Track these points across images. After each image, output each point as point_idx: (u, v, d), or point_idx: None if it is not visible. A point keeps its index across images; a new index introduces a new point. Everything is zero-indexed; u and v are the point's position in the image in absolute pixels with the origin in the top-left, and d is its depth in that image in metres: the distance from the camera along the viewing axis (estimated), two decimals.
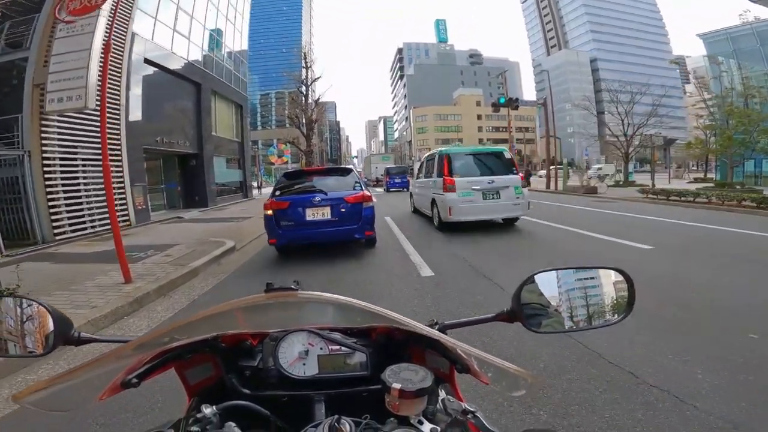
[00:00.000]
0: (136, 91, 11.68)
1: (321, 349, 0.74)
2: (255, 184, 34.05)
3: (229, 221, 11.85)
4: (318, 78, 26.28)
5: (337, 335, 0.74)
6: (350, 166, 7.64)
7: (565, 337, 2.72)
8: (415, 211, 10.95)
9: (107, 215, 10.24)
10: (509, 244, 6.77)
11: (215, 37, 19.13)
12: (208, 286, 5.26)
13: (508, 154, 8.36)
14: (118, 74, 10.78)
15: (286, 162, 34.94)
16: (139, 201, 11.22)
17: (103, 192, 10.22)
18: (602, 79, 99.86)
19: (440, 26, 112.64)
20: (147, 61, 12.65)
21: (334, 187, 6.06)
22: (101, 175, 10.09)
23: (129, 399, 2.11)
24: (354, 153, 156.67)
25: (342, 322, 0.80)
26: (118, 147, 10.60)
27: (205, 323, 0.69)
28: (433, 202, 8.39)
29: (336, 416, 0.51)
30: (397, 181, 23.13)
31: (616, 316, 0.77)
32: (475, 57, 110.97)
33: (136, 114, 11.54)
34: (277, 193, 6.15)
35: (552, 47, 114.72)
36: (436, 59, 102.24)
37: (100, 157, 5.62)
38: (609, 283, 0.79)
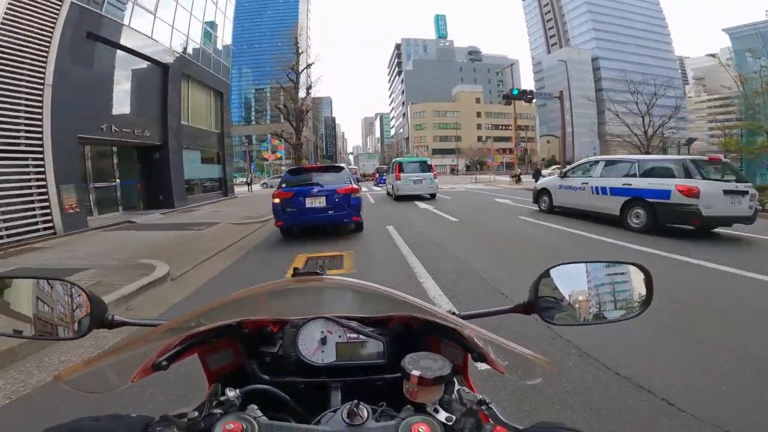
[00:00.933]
0: (72, 67, 9.38)
1: (339, 336, 0.75)
2: (245, 180, 31.90)
3: (189, 228, 9.62)
4: (311, 64, 23.65)
5: (354, 323, 0.76)
6: (342, 164, 8.98)
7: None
8: (388, 194, 17.99)
9: (23, 222, 7.98)
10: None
11: (191, 14, 16.77)
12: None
13: (429, 162, 16.45)
14: (43, 42, 8.53)
15: (280, 158, 33.84)
16: (69, 203, 8.94)
17: (15, 193, 8.05)
18: (603, 78, 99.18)
19: (440, 22, 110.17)
20: (91, 36, 10.36)
21: (328, 181, 7.36)
22: (13, 170, 7.99)
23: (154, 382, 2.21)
24: (350, 150, 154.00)
25: (362, 308, 0.82)
26: (38, 134, 8.35)
27: (232, 307, 0.73)
28: (392, 186, 16.19)
29: (355, 401, 0.52)
30: (384, 177, 25.66)
31: (632, 311, 0.78)
32: (474, 54, 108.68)
33: (70, 95, 9.24)
34: (283, 185, 7.43)
35: (553, 45, 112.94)
36: (435, 55, 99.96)
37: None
38: (627, 278, 0.79)
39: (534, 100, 19.37)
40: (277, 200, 7.19)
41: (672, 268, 4.86)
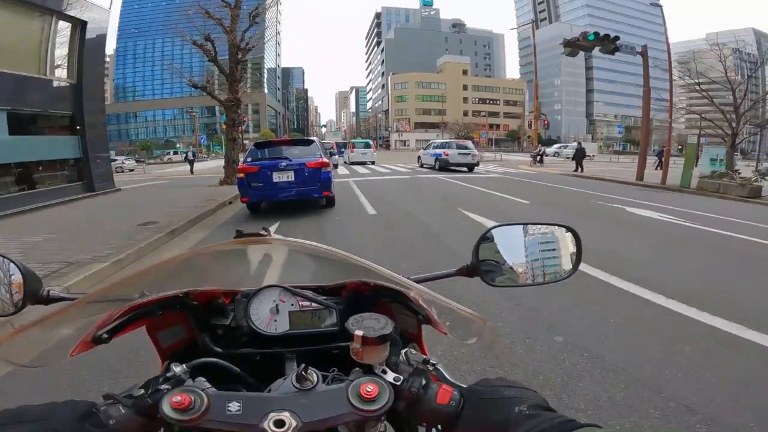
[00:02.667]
0: None
1: (292, 305, 0.74)
2: (188, 156, 24.26)
3: None
4: None
5: (308, 292, 0.75)
6: (313, 138, 9.15)
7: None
8: (344, 162, 24.74)
9: None
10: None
11: None
12: None
13: (371, 141, 29.80)
14: None
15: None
16: None
17: None
18: (593, 56, 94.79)
19: None
20: None
21: (298, 155, 7.25)
22: None
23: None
24: (323, 122, 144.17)
25: (314, 274, 0.81)
26: None
27: (175, 273, 0.70)
28: (347, 156, 25.63)
29: (303, 365, 0.52)
30: (342, 150, 29.21)
31: (564, 272, 0.81)
32: (458, 27, 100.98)
33: None
34: (249, 159, 7.32)
35: (542, 20, 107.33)
36: (419, 24, 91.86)
37: None
38: (561, 240, 0.82)
39: (604, 51, 12.60)
40: (241, 174, 7.07)
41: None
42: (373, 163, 23.89)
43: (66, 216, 7.76)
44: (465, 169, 18.21)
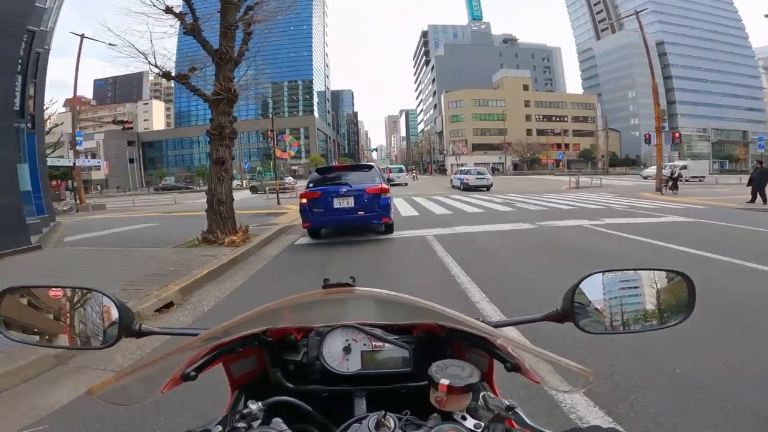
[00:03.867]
0: None
1: (364, 345, 0.74)
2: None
3: None
4: None
5: (379, 331, 0.75)
6: (372, 164, 8.75)
7: None
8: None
9: None
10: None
11: None
12: None
13: (403, 167, 43.91)
14: None
15: (293, 155, 30.00)
16: None
17: None
18: (672, 65, 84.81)
19: (473, 1, 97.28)
20: None
21: (357, 180, 7.17)
22: None
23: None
24: (374, 146, 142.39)
25: (388, 317, 0.81)
26: None
27: (259, 318, 0.73)
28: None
29: (382, 412, 0.52)
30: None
31: (674, 318, 0.76)
32: (509, 42, 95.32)
33: None
34: (310, 185, 7.30)
35: (603, 30, 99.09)
36: (469, 40, 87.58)
37: None
38: (665, 285, 0.78)
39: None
40: (304, 200, 7.07)
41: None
42: (406, 184, 30.93)
43: None
44: (538, 206, 13.38)
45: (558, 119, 66.40)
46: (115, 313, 0.72)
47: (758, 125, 78.26)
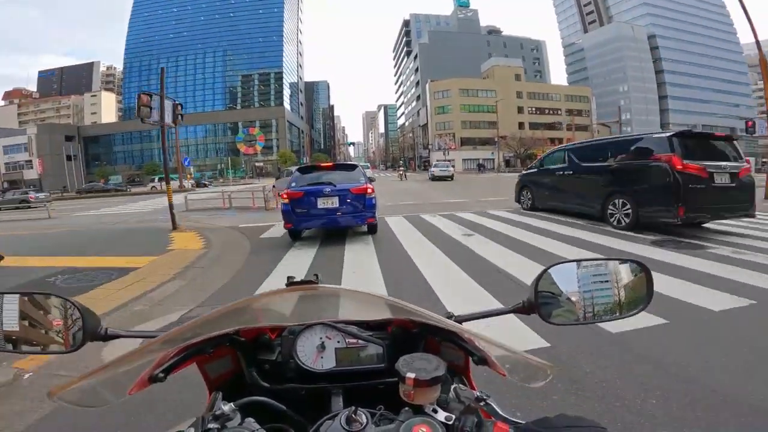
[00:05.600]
0: None
1: (338, 342, 0.75)
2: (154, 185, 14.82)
3: None
4: None
5: (353, 328, 0.75)
6: (356, 163, 8.23)
7: None
8: None
9: None
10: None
11: None
12: None
13: (369, 165, 36.35)
14: None
15: (259, 151, 28.32)
16: None
17: None
18: (663, 58, 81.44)
19: None
20: None
21: (341, 180, 6.75)
22: None
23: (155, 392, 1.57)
24: (351, 140, 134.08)
25: (360, 314, 0.81)
26: None
27: (227, 317, 0.73)
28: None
29: (352, 407, 0.53)
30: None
31: (632, 308, 0.78)
32: (493, 34, 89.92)
33: None
34: (293, 184, 6.83)
35: (590, 23, 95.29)
36: (455, 27, 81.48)
37: None
38: (626, 275, 0.79)
39: None
40: (286, 200, 6.64)
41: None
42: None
43: None
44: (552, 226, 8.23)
45: (551, 112, 61.09)
46: (78, 317, 0.72)
47: (743, 122, 76.18)
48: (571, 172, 7.80)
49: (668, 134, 6.11)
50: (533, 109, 61.20)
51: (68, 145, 63.47)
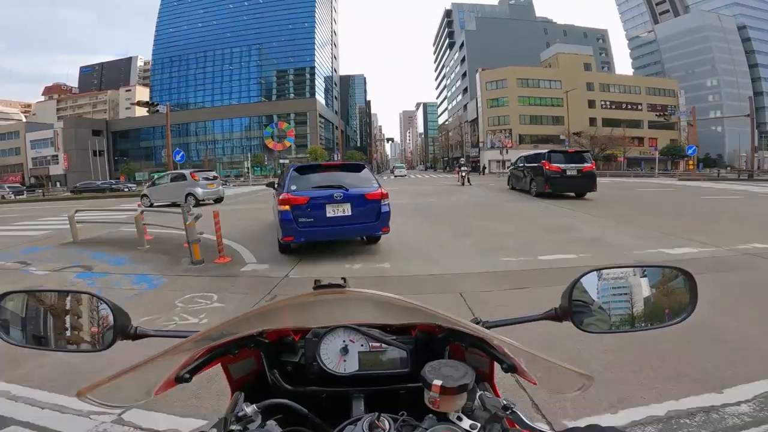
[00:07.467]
0: None
1: (362, 345, 0.74)
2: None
3: None
4: None
5: (377, 332, 0.75)
6: (363, 162, 7.42)
7: None
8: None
9: None
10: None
11: None
12: None
13: (404, 165, 55.80)
14: None
15: (288, 146, 26.65)
16: None
17: None
18: (757, 51, 69.40)
19: None
20: None
21: (350, 182, 5.85)
22: None
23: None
24: (387, 136, 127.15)
25: (384, 318, 0.81)
26: None
27: (253, 320, 0.73)
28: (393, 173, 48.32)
29: (376, 413, 0.52)
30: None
31: (675, 317, 0.74)
32: (549, 23, 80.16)
33: None
34: (293, 188, 5.79)
35: (662, 13, 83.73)
36: (506, 14, 72.93)
37: None
38: (667, 282, 0.76)
39: None
40: (286, 207, 5.52)
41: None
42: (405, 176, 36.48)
43: None
44: None
45: (629, 107, 51.62)
46: (110, 316, 0.72)
47: None
48: (521, 168, 15.38)
49: (545, 152, 13.55)
50: (607, 102, 51.92)
51: (95, 140, 60.82)
